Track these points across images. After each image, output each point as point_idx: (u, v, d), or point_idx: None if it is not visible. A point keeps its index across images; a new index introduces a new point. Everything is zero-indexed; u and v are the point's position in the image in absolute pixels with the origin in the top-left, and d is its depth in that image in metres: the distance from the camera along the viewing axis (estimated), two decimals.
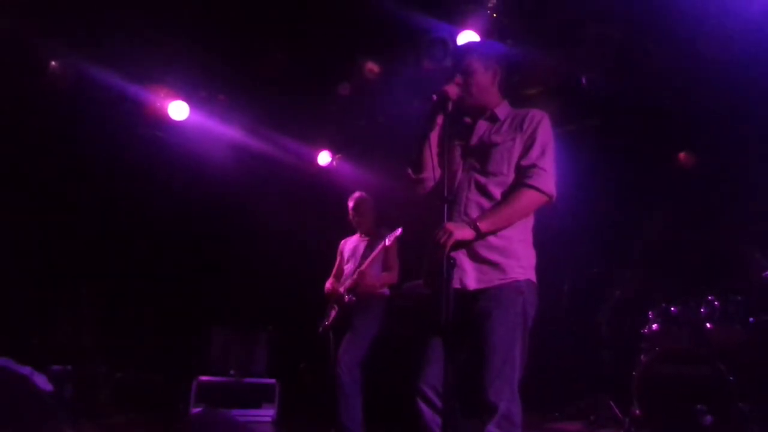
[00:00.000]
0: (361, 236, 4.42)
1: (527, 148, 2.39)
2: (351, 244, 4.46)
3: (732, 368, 3.99)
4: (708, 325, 4.33)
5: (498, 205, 2.35)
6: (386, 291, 4.27)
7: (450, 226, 2.25)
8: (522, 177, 2.36)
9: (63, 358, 5.25)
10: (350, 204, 4.42)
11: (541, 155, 2.37)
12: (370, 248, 4.25)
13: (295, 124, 6.21)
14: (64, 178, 5.85)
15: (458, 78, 2.45)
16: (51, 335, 5.56)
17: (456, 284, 2.26)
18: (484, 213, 2.34)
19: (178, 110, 5.67)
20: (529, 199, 2.34)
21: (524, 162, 2.37)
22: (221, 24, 4.84)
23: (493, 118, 2.50)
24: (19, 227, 5.64)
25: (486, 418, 2.14)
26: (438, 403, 2.20)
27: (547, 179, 2.35)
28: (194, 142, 5.98)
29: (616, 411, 4.57)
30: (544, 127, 2.42)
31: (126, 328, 5.97)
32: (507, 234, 2.34)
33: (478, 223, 2.29)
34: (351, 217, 4.43)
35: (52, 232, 5.84)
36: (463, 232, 2.27)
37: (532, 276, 2.39)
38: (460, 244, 2.28)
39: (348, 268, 4.33)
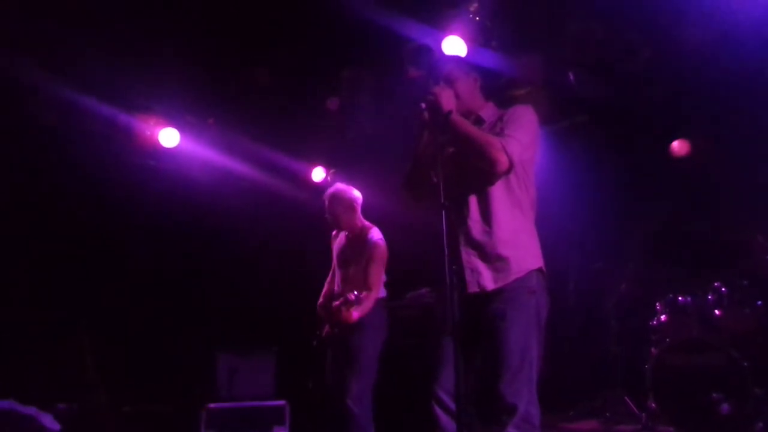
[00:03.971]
0: (345, 234, 4.13)
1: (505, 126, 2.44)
2: (339, 240, 4.19)
3: (744, 353, 3.96)
4: (717, 312, 4.31)
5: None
6: (382, 293, 3.94)
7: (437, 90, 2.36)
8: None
9: (67, 395, 5.16)
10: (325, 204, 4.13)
11: (513, 128, 2.40)
12: (351, 249, 4.02)
13: (286, 143, 6.18)
14: (56, 212, 5.80)
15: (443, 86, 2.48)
16: (53, 372, 5.47)
17: (473, 288, 2.32)
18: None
19: (168, 137, 5.66)
20: (492, 144, 2.33)
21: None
22: (205, 47, 4.83)
23: (479, 121, 2.55)
24: (13, 264, 5.57)
25: (505, 419, 2.13)
26: (453, 407, 2.16)
27: (514, 146, 2.35)
28: (187, 167, 5.96)
29: (632, 406, 4.52)
30: (520, 108, 2.50)
31: (129, 360, 5.89)
32: (512, 227, 2.38)
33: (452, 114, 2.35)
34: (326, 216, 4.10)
35: (47, 267, 5.77)
36: (448, 100, 2.35)
37: (541, 262, 2.42)
38: (474, 245, 2.34)
39: (337, 277, 4.10)
